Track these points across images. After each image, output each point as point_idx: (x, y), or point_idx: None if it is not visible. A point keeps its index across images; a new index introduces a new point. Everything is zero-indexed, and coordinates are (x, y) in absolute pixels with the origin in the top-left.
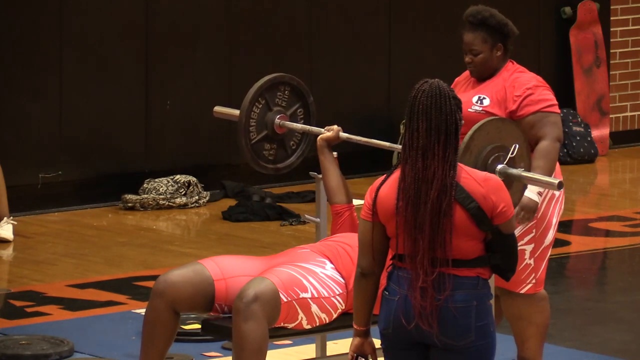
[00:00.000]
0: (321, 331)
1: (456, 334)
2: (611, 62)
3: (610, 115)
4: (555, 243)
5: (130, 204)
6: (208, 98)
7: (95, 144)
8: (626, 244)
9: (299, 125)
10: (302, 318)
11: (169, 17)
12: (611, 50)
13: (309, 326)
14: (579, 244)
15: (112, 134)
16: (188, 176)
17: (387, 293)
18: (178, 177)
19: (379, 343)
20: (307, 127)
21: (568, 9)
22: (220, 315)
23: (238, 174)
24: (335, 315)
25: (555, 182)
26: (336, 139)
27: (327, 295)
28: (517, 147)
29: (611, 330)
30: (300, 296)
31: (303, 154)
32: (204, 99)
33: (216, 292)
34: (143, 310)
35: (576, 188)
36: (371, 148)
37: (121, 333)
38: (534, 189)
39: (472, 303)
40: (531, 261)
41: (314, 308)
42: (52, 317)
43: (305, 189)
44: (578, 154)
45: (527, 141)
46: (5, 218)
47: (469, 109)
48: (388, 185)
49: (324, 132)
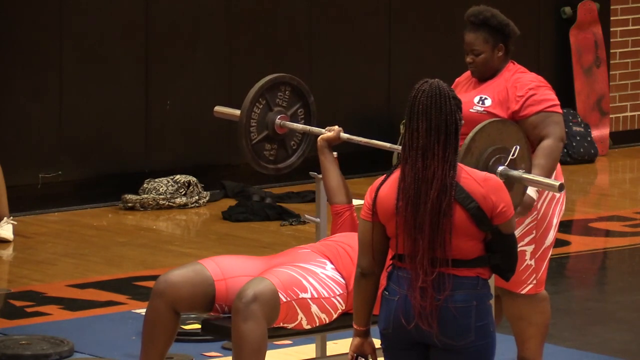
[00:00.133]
0: (321, 331)
1: (456, 334)
2: (611, 62)
3: (610, 115)
4: (555, 243)
5: (130, 204)
6: (208, 98)
7: (95, 144)
8: (626, 244)
9: (299, 126)
10: (302, 318)
11: (169, 17)
12: (611, 50)
13: (309, 326)
14: (579, 244)
15: (112, 134)
16: (188, 176)
17: (387, 293)
18: (178, 177)
19: (379, 343)
20: (308, 128)
21: (568, 9)
22: (220, 315)
23: (238, 174)
24: (335, 316)
25: (557, 184)
26: (337, 140)
27: (327, 295)
28: (518, 149)
29: (611, 330)
30: (300, 296)
31: (304, 154)
32: (204, 99)
33: (217, 292)
34: (143, 310)
35: (576, 188)
36: (371, 148)
37: (121, 333)
38: None
39: (472, 303)
40: (532, 262)
41: (314, 308)
42: (52, 317)
43: (305, 189)
44: (578, 154)
45: (529, 142)
46: (5, 218)
47: (471, 110)
48: (388, 185)
49: (325, 133)
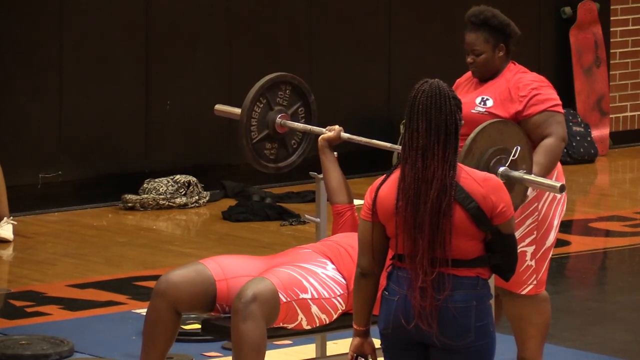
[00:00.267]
0: (321, 331)
1: (456, 334)
2: (611, 62)
3: (610, 115)
4: (555, 243)
5: (130, 204)
6: (208, 98)
7: (95, 144)
8: (626, 244)
9: (300, 125)
10: (302, 318)
11: (169, 17)
12: (611, 50)
13: (309, 327)
14: (579, 244)
15: (112, 134)
16: (188, 176)
17: (387, 293)
18: (178, 177)
19: (379, 343)
20: (309, 127)
21: (568, 9)
22: (220, 315)
23: (238, 174)
24: (335, 316)
25: (558, 186)
26: (337, 139)
27: (328, 296)
28: (519, 150)
29: (611, 330)
30: (300, 297)
31: (304, 153)
32: (204, 99)
33: (218, 292)
34: (143, 310)
35: (576, 188)
36: (371, 148)
37: (121, 333)
38: None
39: (472, 303)
40: (532, 263)
41: (314, 309)
42: (52, 317)
43: (305, 189)
44: (578, 154)
45: (530, 143)
46: (5, 218)
47: (472, 110)
48: (388, 185)
49: (325, 132)
